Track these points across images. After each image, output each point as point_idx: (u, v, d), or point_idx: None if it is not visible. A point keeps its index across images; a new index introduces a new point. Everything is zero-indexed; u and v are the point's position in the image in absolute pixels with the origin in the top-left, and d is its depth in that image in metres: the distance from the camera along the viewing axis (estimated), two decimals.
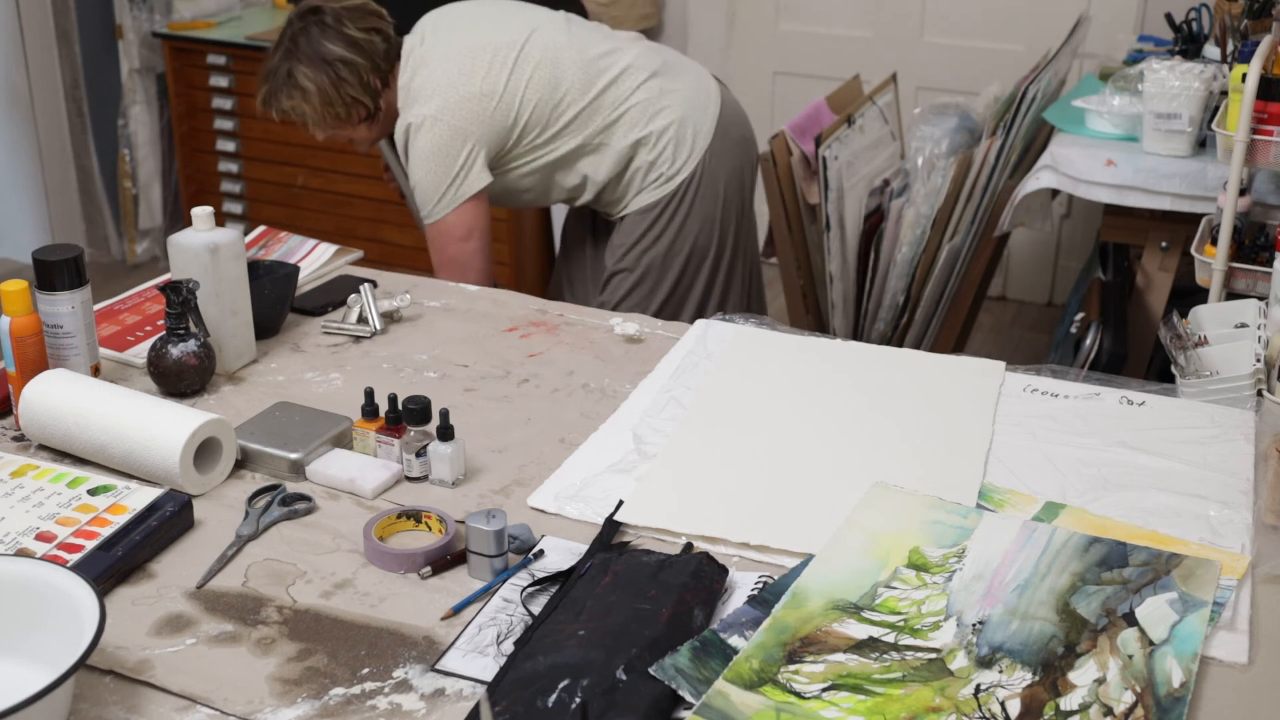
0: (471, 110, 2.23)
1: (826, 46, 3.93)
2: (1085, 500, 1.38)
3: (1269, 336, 1.62)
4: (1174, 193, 2.47)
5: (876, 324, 2.89)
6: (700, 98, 2.39)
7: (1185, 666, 1.11)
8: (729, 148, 2.42)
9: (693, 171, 2.35)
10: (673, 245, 2.38)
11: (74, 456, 1.45)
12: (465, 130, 2.23)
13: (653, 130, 2.32)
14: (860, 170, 2.87)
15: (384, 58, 2.28)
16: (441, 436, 1.41)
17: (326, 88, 2.25)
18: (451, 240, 2.30)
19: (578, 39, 2.34)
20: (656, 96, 2.32)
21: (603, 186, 2.36)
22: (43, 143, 4.14)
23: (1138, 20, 3.57)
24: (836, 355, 1.72)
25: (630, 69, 2.33)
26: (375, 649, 1.15)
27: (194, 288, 1.57)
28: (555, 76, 2.28)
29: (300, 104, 2.27)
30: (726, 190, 2.41)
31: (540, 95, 2.27)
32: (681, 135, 2.34)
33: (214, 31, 3.96)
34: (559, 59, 2.29)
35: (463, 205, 2.27)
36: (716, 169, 2.38)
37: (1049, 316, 3.95)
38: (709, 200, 2.39)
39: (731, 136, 2.43)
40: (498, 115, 2.25)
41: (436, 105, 2.23)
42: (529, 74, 2.27)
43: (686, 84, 2.39)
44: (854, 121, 2.91)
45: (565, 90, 2.28)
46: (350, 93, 2.26)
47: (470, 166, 2.25)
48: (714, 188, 2.38)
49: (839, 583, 1.23)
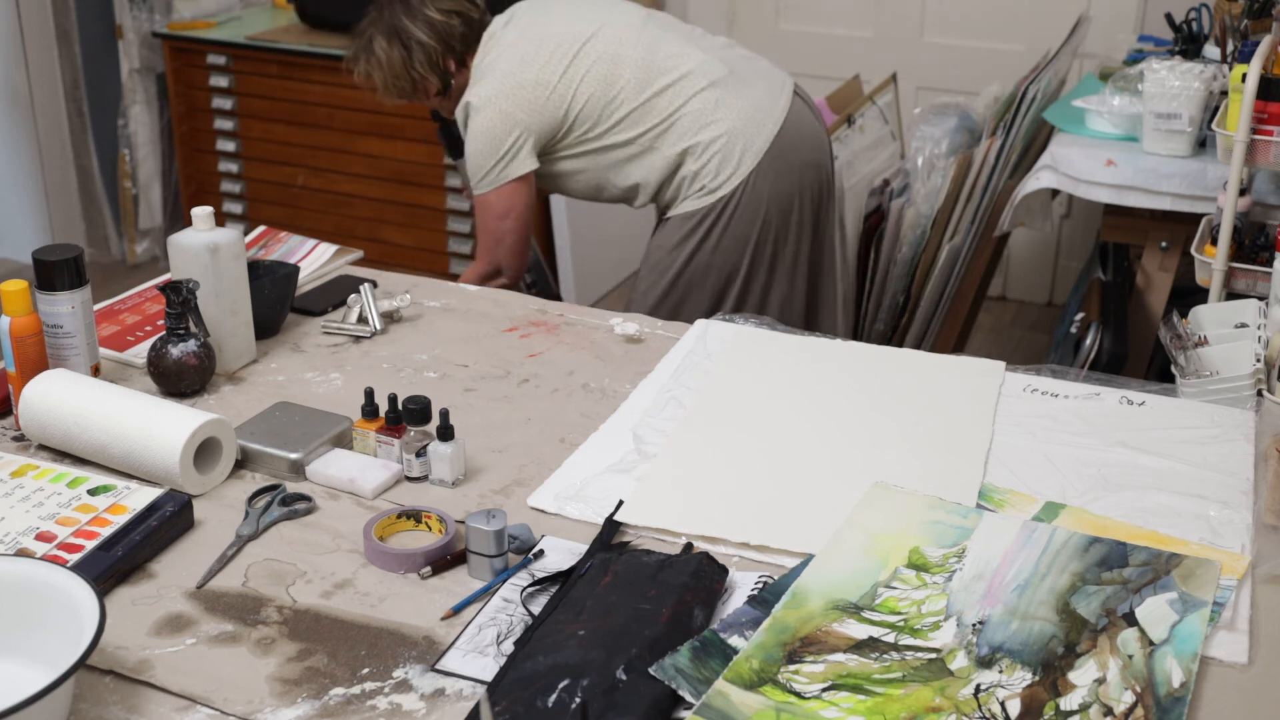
0: (524, 98, 2.28)
1: (826, 46, 3.93)
2: (1085, 500, 1.38)
3: (1269, 336, 1.62)
4: (1174, 193, 2.47)
5: (876, 324, 2.89)
6: (759, 115, 2.34)
7: (1185, 666, 1.11)
8: (784, 170, 2.35)
9: (735, 188, 2.32)
10: (709, 256, 2.37)
11: (74, 456, 1.45)
12: (515, 116, 2.28)
13: (700, 140, 2.31)
14: (860, 170, 2.87)
15: (460, 40, 2.37)
16: (441, 436, 1.41)
17: (396, 62, 2.36)
18: (491, 216, 2.39)
19: (648, 38, 2.34)
20: (711, 108, 2.31)
21: (655, 190, 2.39)
22: (43, 143, 4.14)
23: (1138, 20, 3.57)
24: (836, 355, 1.72)
25: (690, 75, 2.31)
26: (375, 649, 1.15)
27: (194, 288, 1.57)
28: (612, 74, 2.29)
29: (372, 71, 2.39)
30: (769, 213, 2.36)
31: (594, 91, 2.29)
32: (729, 150, 2.31)
33: (214, 31, 3.96)
34: (620, 56, 2.30)
35: (505, 185, 2.33)
36: (763, 189, 2.34)
37: (1049, 316, 3.95)
38: (746, 221, 2.35)
39: (790, 160, 2.36)
40: (550, 106, 2.29)
41: (493, 88, 2.29)
42: (586, 68, 2.29)
43: (748, 99, 2.34)
44: (854, 121, 2.91)
45: (620, 88, 2.30)
46: (418, 70, 2.36)
47: (517, 152, 2.30)
48: (755, 208, 2.34)
49: (839, 583, 1.23)
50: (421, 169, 3.76)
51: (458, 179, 3.73)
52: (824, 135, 2.48)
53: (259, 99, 3.93)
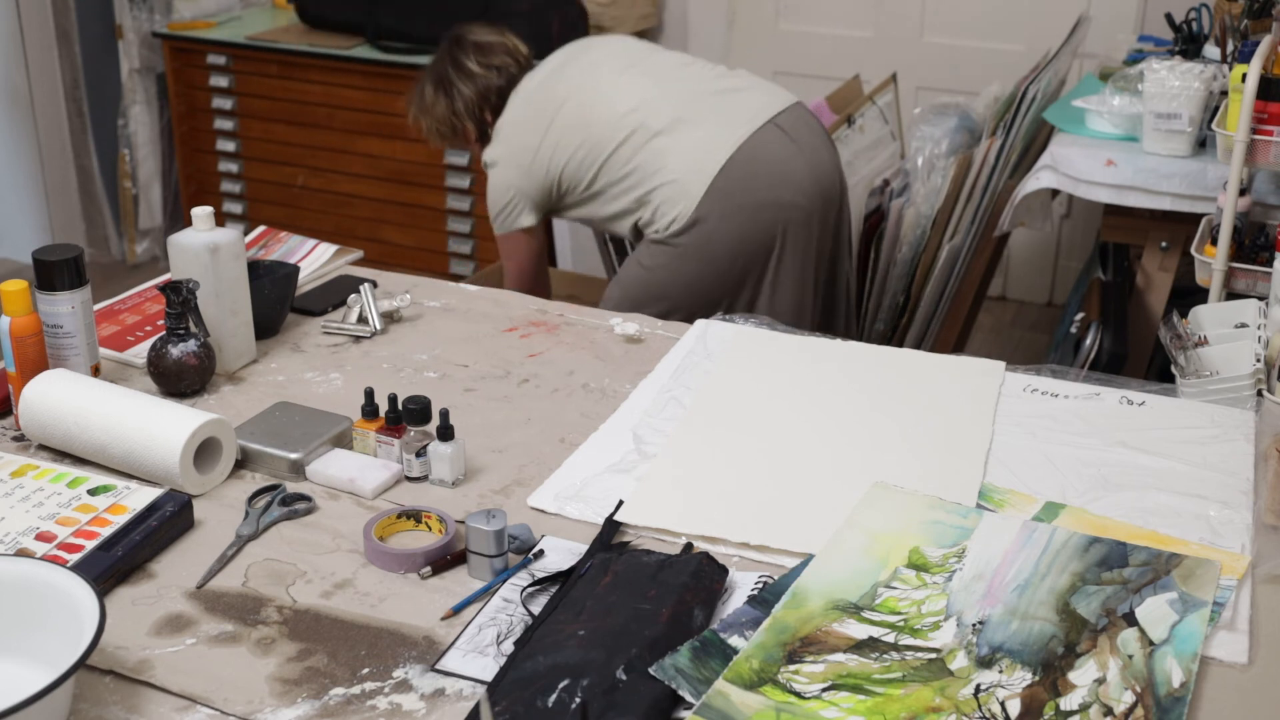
0: (516, 162, 2.44)
1: (826, 46, 3.93)
2: (1085, 500, 1.38)
3: (1269, 336, 1.62)
4: (1174, 193, 2.47)
5: (876, 324, 2.89)
6: (699, 161, 2.31)
7: (1185, 666, 1.11)
8: (732, 211, 2.32)
9: (681, 229, 2.33)
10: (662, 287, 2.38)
11: (74, 456, 1.45)
12: (510, 179, 2.46)
13: (648, 189, 2.35)
14: (860, 170, 2.87)
15: (496, 94, 2.52)
16: (441, 436, 1.41)
17: (441, 108, 2.56)
18: (502, 254, 2.59)
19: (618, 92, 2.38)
20: (657, 156, 2.33)
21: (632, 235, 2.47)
22: (43, 143, 4.14)
23: (1138, 20, 3.57)
24: (836, 355, 1.72)
25: (641, 128, 2.34)
26: (375, 649, 1.15)
27: (194, 288, 1.57)
28: (584, 138, 2.38)
29: (420, 116, 2.60)
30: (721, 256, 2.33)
31: (571, 155, 2.40)
32: (672, 197, 2.33)
33: (214, 31, 3.96)
34: (589, 119, 2.38)
35: (511, 234, 2.52)
36: (711, 233, 2.32)
37: (1049, 316, 3.95)
38: (700, 262, 2.33)
39: (741, 200, 2.31)
40: (535, 171, 2.43)
41: (497, 150, 2.47)
42: (559, 136, 2.40)
43: (690, 144, 2.32)
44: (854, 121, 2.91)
45: (589, 149, 2.39)
46: (458, 119, 2.55)
47: (516, 211, 2.48)
48: (706, 251, 2.32)
49: (839, 583, 1.23)
50: (421, 169, 3.76)
51: (458, 179, 3.73)
52: (806, 170, 2.38)
53: (259, 99, 3.93)
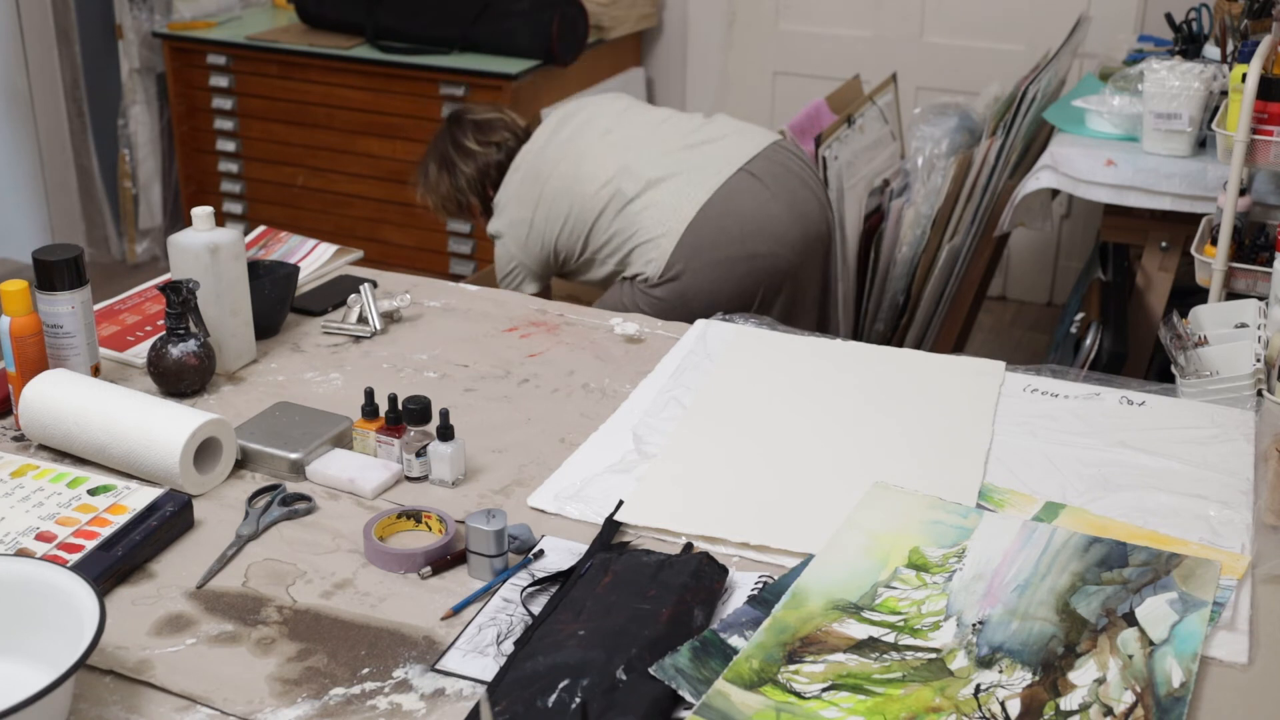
0: (514, 236, 2.50)
1: (826, 46, 3.93)
2: (1085, 500, 1.38)
3: (1269, 336, 1.62)
4: (1174, 193, 2.47)
5: (876, 324, 2.89)
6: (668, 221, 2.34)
7: (1185, 666, 1.11)
8: (703, 268, 2.34)
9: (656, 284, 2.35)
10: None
11: (74, 456, 1.45)
12: (511, 252, 2.52)
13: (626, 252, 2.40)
14: (860, 170, 2.87)
15: (496, 169, 2.58)
16: (441, 436, 1.41)
17: (445, 186, 2.63)
18: None
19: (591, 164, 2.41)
20: (630, 221, 2.38)
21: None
22: (43, 143, 4.14)
23: (1138, 20, 3.57)
24: (836, 355, 1.72)
25: (616, 197, 2.38)
26: (375, 649, 1.15)
27: (194, 288, 1.57)
28: (565, 212, 2.42)
29: (424, 193, 2.67)
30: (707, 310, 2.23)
31: (562, 226, 2.44)
32: (646, 255, 2.36)
33: (214, 31, 3.96)
34: (572, 190, 2.42)
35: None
36: (686, 288, 2.34)
37: (1049, 316, 3.95)
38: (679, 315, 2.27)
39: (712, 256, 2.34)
40: (532, 243, 2.48)
41: (498, 224, 2.52)
42: (548, 209, 2.44)
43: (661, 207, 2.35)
44: (854, 121, 2.91)
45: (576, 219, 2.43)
46: (463, 196, 2.62)
47: (518, 279, 2.53)
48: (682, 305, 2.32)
49: (839, 583, 1.23)
50: None
51: None
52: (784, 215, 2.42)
53: (259, 99, 3.93)
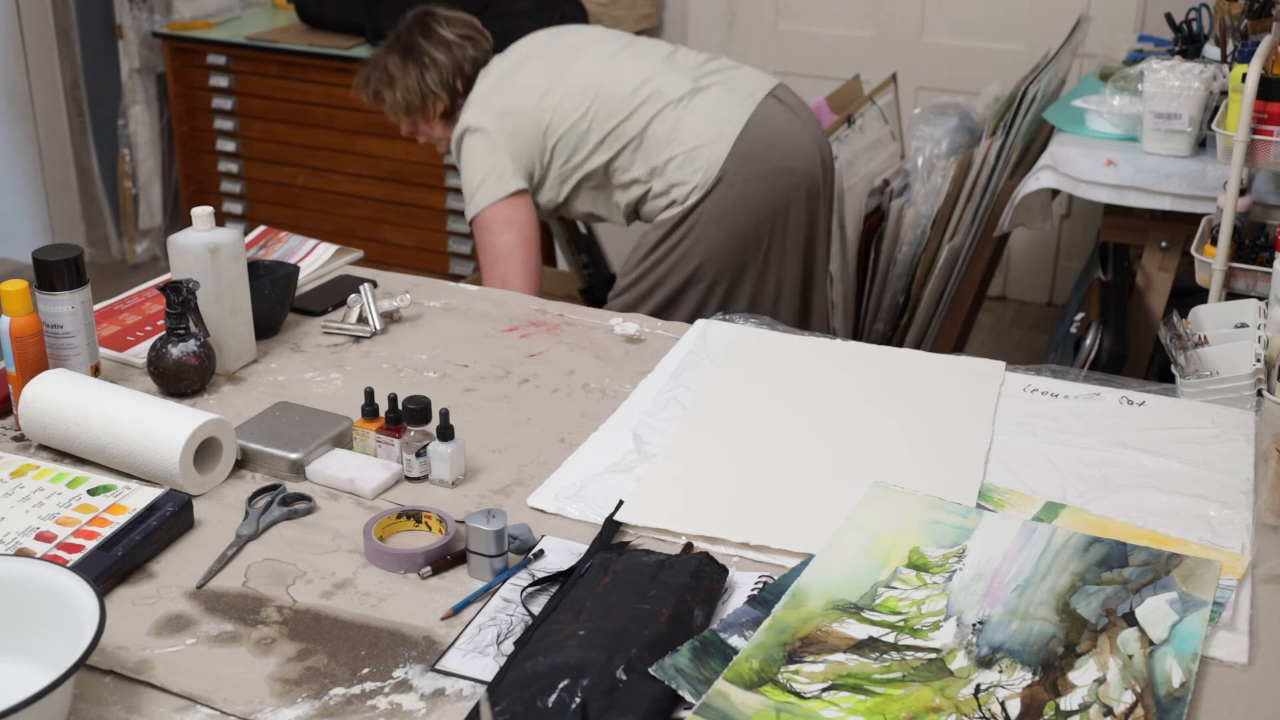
0: (507, 125, 2.39)
1: (826, 46, 3.93)
2: (1085, 500, 1.38)
3: (1269, 336, 1.62)
4: (1174, 193, 2.47)
5: (876, 324, 2.89)
6: (717, 126, 2.35)
7: (1185, 666, 1.11)
8: (752, 178, 2.36)
9: (698, 200, 2.35)
10: (674, 266, 2.40)
11: (74, 456, 1.45)
12: (497, 141, 2.39)
13: (663, 160, 2.36)
14: (860, 170, 2.87)
15: (470, 64, 2.51)
16: (441, 436, 1.41)
17: (410, 78, 2.50)
18: (493, 233, 2.41)
19: (617, 67, 2.40)
20: (671, 127, 2.35)
21: (633, 209, 2.46)
22: (43, 143, 4.14)
23: (1138, 20, 3.57)
24: (836, 355, 1.72)
25: (652, 98, 2.36)
26: (375, 649, 1.15)
27: (194, 288, 1.57)
28: (583, 105, 2.38)
29: (384, 90, 2.53)
30: (743, 222, 2.37)
31: (568, 122, 2.38)
32: (690, 165, 2.34)
33: (214, 31, 3.96)
34: (590, 88, 2.38)
35: (500, 201, 2.39)
36: (729, 199, 2.35)
37: (1049, 316, 3.95)
38: (716, 231, 2.36)
39: (759, 168, 2.37)
40: (526, 133, 2.39)
41: (476, 117, 2.41)
42: (558, 101, 2.38)
43: (706, 114, 2.36)
44: (854, 121, 2.91)
45: (591, 118, 2.38)
46: (430, 87, 2.49)
47: (503, 171, 2.38)
48: (724, 219, 2.35)
49: (839, 583, 1.23)
50: (421, 169, 3.76)
51: (458, 179, 3.73)
52: (811, 140, 2.46)
53: (259, 99, 3.93)
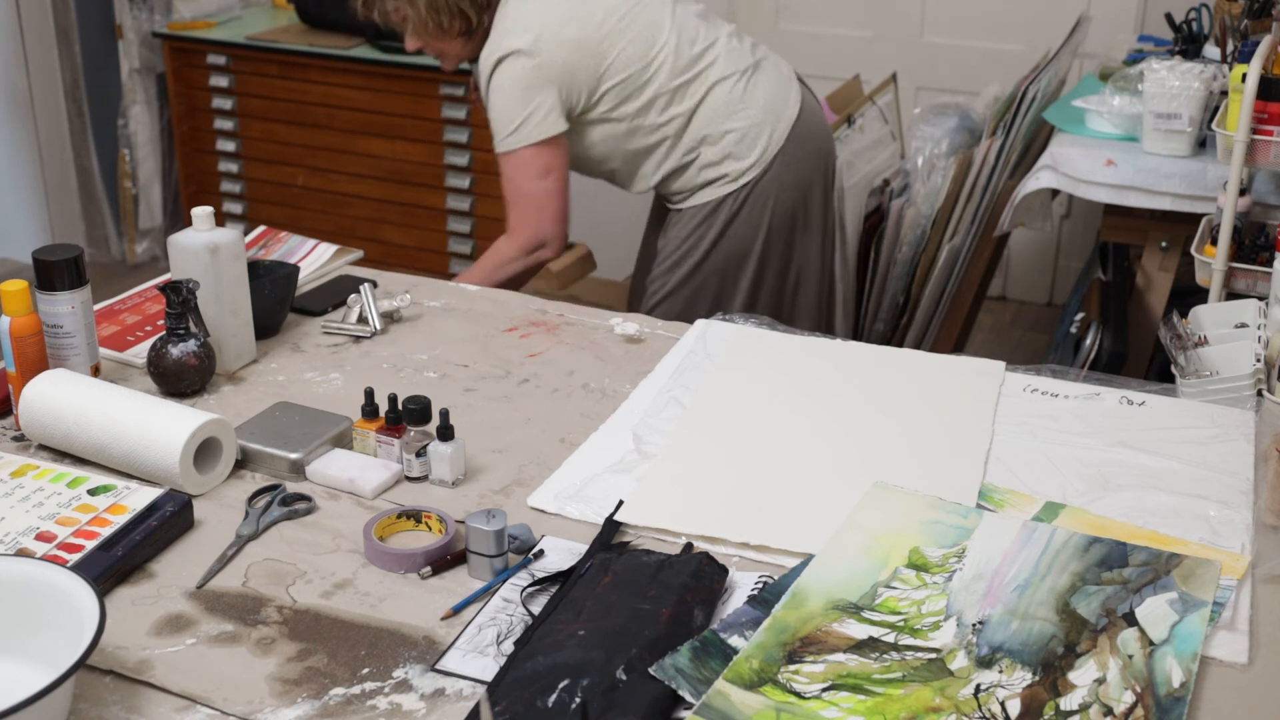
0: (562, 56, 2.21)
1: (826, 46, 3.93)
2: (1085, 500, 1.38)
3: (1269, 336, 1.62)
4: (1174, 193, 2.47)
5: (876, 324, 2.89)
6: (779, 104, 2.37)
7: (1185, 666, 1.11)
8: (801, 158, 2.39)
9: (754, 177, 2.34)
10: (726, 244, 2.37)
11: (74, 456, 1.45)
12: (550, 74, 2.21)
13: (721, 130, 2.31)
14: (860, 170, 2.87)
15: None
16: (441, 436, 1.41)
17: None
18: (529, 177, 2.27)
19: (680, 22, 2.31)
20: (737, 97, 2.31)
21: (666, 176, 2.36)
22: (43, 143, 4.14)
23: (1138, 20, 3.57)
24: (836, 355, 1.72)
25: (716, 62, 2.30)
26: (375, 649, 1.15)
27: (194, 288, 1.57)
28: (649, 54, 2.26)
29: (405, 6, 2.28)
30: (782, 200, 2.38)
31: (630, 65, 2.25)
32: (751, 139, 2.33)
33: (214, 31, 3.96)
34: (656, 38, 2.27)
35: (543, 142, 2.24)
36: (782, 177, 2.36)
37: (1049, 316, 3.95)
38: (760, 208, 2.36)
39: (806, 148, 2.40)
40: (584, 69, 2.23)
41: (530, 41, 2.20)
42: (627, 41, 2.24)
43: (768, 88, 2.36)
44: (854, 121, 2.91)
45: (655, 69, 2.26)
46: (457, 3, 2.26)
47: (550, 109, 2.22)
48: (769, 196, 2.36)
49: (839, 583, 1.23)
50: (421, 169, 3.76)
51: (458, 179, 3.73)
52: (828, 124, 2.53)
53: (259, 99, 3.93)
